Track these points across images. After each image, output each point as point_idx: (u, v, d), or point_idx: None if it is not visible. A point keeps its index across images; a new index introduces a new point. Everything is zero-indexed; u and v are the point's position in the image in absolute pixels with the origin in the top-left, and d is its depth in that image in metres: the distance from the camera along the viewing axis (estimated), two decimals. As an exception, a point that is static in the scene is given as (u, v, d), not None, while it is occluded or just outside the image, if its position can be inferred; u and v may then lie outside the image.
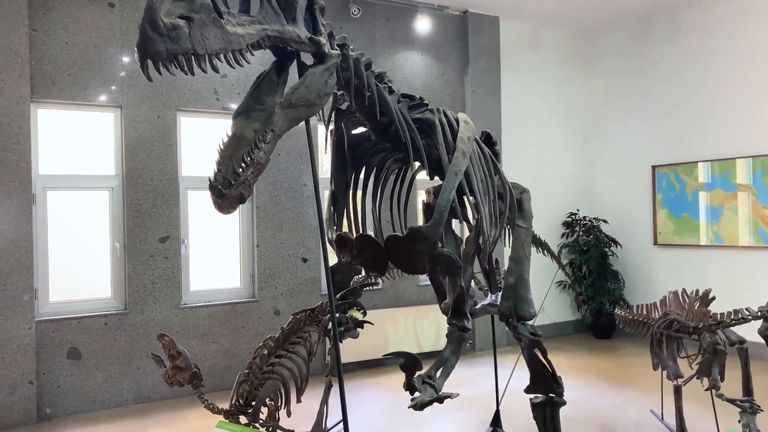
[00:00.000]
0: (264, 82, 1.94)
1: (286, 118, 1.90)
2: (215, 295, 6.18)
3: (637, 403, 5.39)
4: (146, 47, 1.46)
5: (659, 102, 7.94)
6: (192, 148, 6.10)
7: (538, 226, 7.86)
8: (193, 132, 6.11)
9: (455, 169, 2.55)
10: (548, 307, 8.37)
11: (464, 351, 7.54)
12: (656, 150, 7.98)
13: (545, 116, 8.43)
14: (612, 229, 8.44)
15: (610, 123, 8.61)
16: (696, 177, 7.52)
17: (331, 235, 2.73)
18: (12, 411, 5.10)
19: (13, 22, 5.15)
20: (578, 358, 7.14)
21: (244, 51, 1.69)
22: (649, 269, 8.05)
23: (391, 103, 2.50)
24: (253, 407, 3.51)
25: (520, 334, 3.29)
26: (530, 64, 8.30)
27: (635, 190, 8.25)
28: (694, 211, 7.55)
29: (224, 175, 1.75)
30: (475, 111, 7.62)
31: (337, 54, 2.11)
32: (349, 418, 5.15)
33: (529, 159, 8.22)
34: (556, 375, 3.62)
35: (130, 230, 5.72)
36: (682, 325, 3.61)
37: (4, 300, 5.11)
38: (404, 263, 2.61)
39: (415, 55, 7.35)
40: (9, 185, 5.14)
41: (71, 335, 5.45)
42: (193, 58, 1.55)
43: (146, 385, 5.71)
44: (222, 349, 6.08)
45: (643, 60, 8.12)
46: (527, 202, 3.52)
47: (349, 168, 2.76)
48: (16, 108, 5.17)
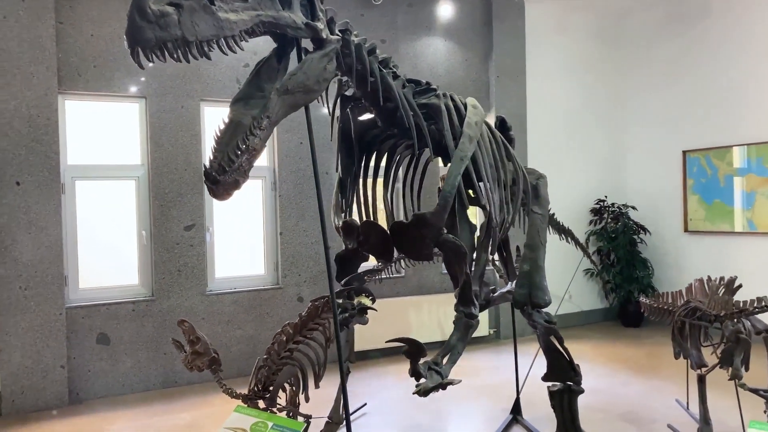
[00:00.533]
0: (264, 69, 1.94)
1: (283, 104, 1.90)
2: (240, 282, 6.27)
3: (663, 393, 5.30)
4: (134, 35, 1.47)
5: (691, 85, 7.72)
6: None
7: (564, 213, 7.83)
8: (217, 121, 6.16)
9: (461, 155, 2.52)
10: (575, 295, 8.28)
11: (489, 340, 7.49)
12: (687, 134, 7.78)
13: (572, 101, 8.27)
14: (641, 215, 8.27)
15: (639, 107, 8.41)
16: (729, 162, 7.30)
17: (338, 222, 2.74)
18: (45, 394, 5.28)
19: (40, 16, 5.26)
20: (604, 347, 7.05)
21: (238, 38, 1.69)
22: (679, 257, 7.88)
23: (395, 88, 2.48)
24: (270, 392, 3.56)
25: (535, 322, 3.26)
26: (557, 47, 8.15)
27: (665, 176, 8.06)
28: (727, 197, 7.35)
29: (219, 161, 1.76)
30: (499, 96, 7.53)
31: (337, 39, 2.10)
32: (371, 403, 5.22)
33: (555, 145, 8.10)
34: (573, 363, 3.59)
35: (155, 219, 5.83)
36: (703, 312, 3.53)
37: (35, 287, 5.27)
38: (410, 250, 2.60)
39: (438, 41, 7.28)
40: (38, 175, 5.28)
41: (100, 321, 5.59)
42: (184, 45, 1.55)
43: (173, 370, 5.84)
44: (246, 335, 6.17)
45: (675, 42, 7.90)
46: (543, 188, 3.46)
47: (356, 154, 2.75)
48: (44, 100, 5.29)
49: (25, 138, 5.22)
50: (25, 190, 5.23)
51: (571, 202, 8.25)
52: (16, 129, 5.19)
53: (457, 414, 4.99)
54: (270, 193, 6.42)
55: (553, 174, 8.03)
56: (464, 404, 5.19)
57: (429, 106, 2.61)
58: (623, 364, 6.31)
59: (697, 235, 7.70)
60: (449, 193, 2.44)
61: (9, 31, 5.17)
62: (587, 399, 5.20)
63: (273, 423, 3.23)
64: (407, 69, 6.98)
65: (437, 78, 7.23)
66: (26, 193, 5.24)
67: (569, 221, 7.94)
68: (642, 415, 4.78)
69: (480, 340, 7.36)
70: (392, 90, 2.46)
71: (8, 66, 5.16)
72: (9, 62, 5.16)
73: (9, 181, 5.18)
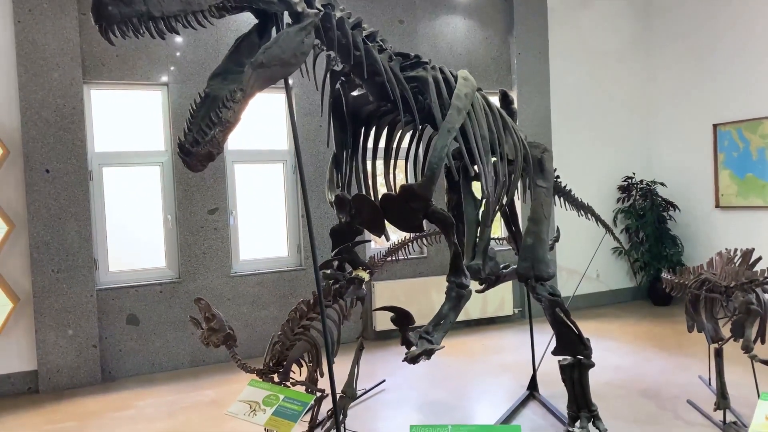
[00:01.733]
0: (244, 45, 1.99)
1: (258, 77, 1.94)
2: (263, 264, 6.40)
3: (687, 370, 5.22)
4: (99, 10, 1.52)
5: (720, 57, 7.47)
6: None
7: (591, 190, 7.74)
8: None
9: (448, 126, 2.52)
10: (604, 274, 8.19)
11: (514, 319, 7.45)
12: (717, 107, 7.55)
13: (598, 77, 8.11)
14: (671, 192, 8.09)
15: (668, 81, 8.19)
16: (762, 134, 7.07)
17: (331, 197, 2.79)
18: (79, 372, 5.51)
19: (63, 8, 5.43)
20: (632, 325, 6.96)
21: (207, 12, 1.74)
22: (711, 233, 7.69)
23: (381, 61, 2.50)
24: (284, 367, 3.65)
25: (539, 294, 3.26)
26: (581, 22, 7.98)
27: (695, 151, 7.85)
28: (759, 170, 7.12)
29: (193, 134, 1.82)
30: (521, 74, 7.44)
31: (315, 13, 2.13)
32: (389, 380, 5.30)
33: (581, 122, 7.97)
34: (582, 337, 3.57)
35: (180, 203, 5.99)
36: (714, 284, 3.46)
37: (67, 270, 5.49)
38: (400, 222, 2.63)
39: (458, 20, 7.22)
40: (66, 163, 5.48)
41: (129, 303, 5.80)
42: (149, 20, 1.61)
43: (200, 349, 6.01)
44: (271, 315, 6.31)
45: (702, 13, 7.65)
46: (548, 162, 3.44)
47: (350, 129, 2.79)
48: (70, 90, 5.48)
49: (52, 127, 5.42)
50: (54, 177, 5.44)
51: (599, 179, 8.13)
52: (44, 118, 5.39)
53: (476, 391, 5.02)
54: (291, 176, 6.51)
55: (579, 152, 7.95)
56: (485, 381, 5.22)
57: (417, 78, 2.62)
58: (649, 342, 6.22)
59: (729, 211, 7.49)
60: (436, 165, 2.46)
61: (34, 24, 5.35)
62: (609, 375, 5.18)
63: (284, 396, 3.32)
64: (426, 49, 6.96)
65: (457, 57, 7.18)
66: (55, 180, 5.45)
67: (597, 199, 7.85)
68: (663, 392, 4.72)
69: (505, 319, 7.35)
70: (377, 63, 2.48)
71: (34, 57, 5.35)
72: (35, 54, 5.35)
73: (39, 169, 5.40)
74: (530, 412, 4.45)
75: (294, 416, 3.15)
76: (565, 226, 7.36)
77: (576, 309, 7.78)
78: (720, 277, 3.54)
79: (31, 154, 5.37)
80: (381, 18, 6.81)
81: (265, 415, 3.21)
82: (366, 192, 2.92)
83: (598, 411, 3.67)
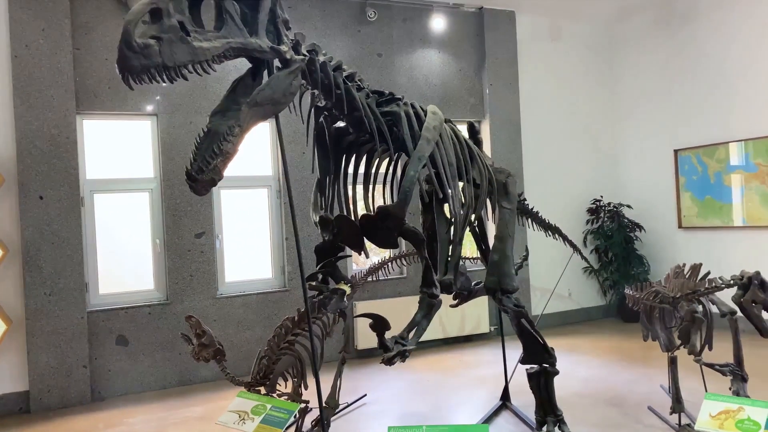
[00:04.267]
0: (240, 86, 2.32)
1: (253, 114, 2.27)
2: (249, 286, 6.65)
3: (651, 380, 5.55)
4: (124, 63, 1.84)
5: (680, 87, 7.99)
6: (223, 150, 6.58)
7: (562, 212, 8.16)
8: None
9: (419, 155, 2.86)
10: (576, 293, 8.55)
11: (490, 336, 7.73)
12: (678, 134, 8.04)
13: (566, 105, 8.58)
14: (637, 214, 8.52)
15: (631, 109, 8.69)
16: (718, 159, 7.54)
17: (315, 218, 3.10)
18: (69, 392, 5.69)
19: (59, 44, 5.73)
20: (601, 341, 7.30)
21: (210, 61, 2.06)
22: (675, 252, 8.11)
23: (359, 98, 2.84)
24: (270, 379, 3.91)
25: (505, 306, 3.57)
26: (550, 54, 8.47)
27: (658, 175, 8.32)
28: (717, 193, 7.58)
29: (198, 164, 2.14)
30: (493, 103, 7.86)
31: (302, 59, 2.46)
32: (372, 394, 5.55)
33: (551, 147, 8.41)
34: (547, 346, 3.88)
35: (168, 227, 6.24)
36: (663, 295, 3.81)
37: (59, 293, 5.70)
38: (377, 239, 2.95)
39: (432, 53, 7.64)
40: (59, 190, 5.72)
41: (119, 324, 6.00)
42: (164, 70, 1.93)
43: (188, 368, 6.22)
44: (256, 336, 6.54)
45: (663, 45, 8.18)
46: (512, 186, 3.79)
47: (332, 157, 3.12)
48: (63, 120, 5.75)
49: (47, 155, 5.68)
50: (47, 203, 5.68)
51: (569, 202, 8.54)
52: (39, 147, 5.65)
53: (452, 402, 5.30)
54: (275, 200, 6.81)
55: (549, 176, 8.37)
56: (461, 394, 5.50)
57: (391, 113, 2.97)
58: (617, 355, 6.56)
59: (690, 231, 7.93)
60: (408, 188, 2.79)
61: (31, 59, 5.64)
62: (579, 386, 5.49)
63: (271, 405, 3.58)
64: (403, 81, 7.35)
65: (433, 88, 7.59)
66: (49, 207, 5.68)
67: (567, 221, 8.24)
68: (627, 400, 5.05)
69: (482, 336, 7.66)
70: (356, 100, 2.82)
71: (30, 90, 5.63)
72: (31, 86, 5.63)
73: (33, 196, 5.63)
74: (503, 421, 4.74)
75: (280, 423, 3.41)
76: (538, 247, 7.75)
77: (549, 326, 8.13)
78: (669, 289, 3.89)
79: (26, 182, 5.61)
80: (360, 51, 7.20)
81: (253, 423, 3.46)
82: (347, 213, 3.23)
83: (563, 416, 3.97)
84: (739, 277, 3.50)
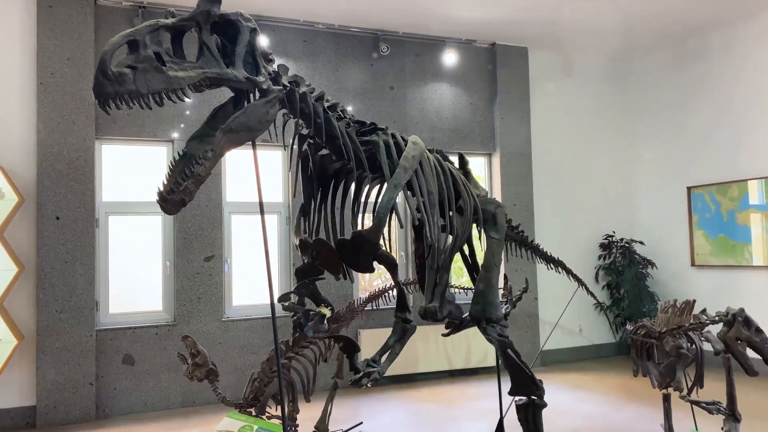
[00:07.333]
0: (220, 113, 2.46)
1: (228, 140, 2.39)
2: (254, 310, 6.76)
3: (650, 418, 5.45)
4: (99, 89, 2.00)
5: (693, 124, 7.98)
6: (235, 177, 6.78)
7: (574, 248, 8.13)
8: (236, 162, 6.78)
9: (395, 182, 2.96)
10: (586, 330, 8.45)
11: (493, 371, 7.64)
12: (691, 171, 8.00)
13: (579, 141, 8.61)
14: (649, 250, 8.44)
15: (645, 146, 8.69)
16: (731, 197, 7.47)
17: (296, 240, 3.20)
18: (75, 409, 5.82)
19: (81, 72, 6.02)
20: (608, 378, 7.19)
21: (185, 89, 2.20)
22: (687, 290, 7.98)
23: (338, 127, 2.96)
24: (260, 401, 3.98)
25: (490, 336, 3.59)
26: (562, 90, 8.55)
27: (671, 211, 8.26)
28: (730, 231, 7.49)
29: (170, 185, 2.27)
30: (503, 137, 7.94)
31: (279, 89, 2.60)
32: (369, 423, 5.55)
33: (563, 182, 8.42)
34: (534, 378, 3.86)
35: (179, 250, 6.41)
36: (649, 330, 3.79)
37: (70, 311, 5.88)
38: (353, 263, 3.03)
39: (444, 87, 7.79)
40: (75, 211, 5.95)
41: (126, 343, 6.15)
42: (138, 97, 2.07)
43: (191, 390, 6.31)
44: (260, 360, 6.58)
45: (676, 84, 8.20)
46: (501, 216, 3.83)
47: (315, 183, 3.24)
48: (83, 145, 6.01)
49: (65, 178, 5.93)
50: (63, 224, 5.90)
51: (581, 236, 8.50)
52: (58, 170, 5.90)
53: (447, 434, 5.28)
54: (283, 227, 6.95)
55: (561, 211, 8.37)
56: (459, 426, 5.47)
57: (371, 142, 3.08)
58: (622, 393, 6.46)
59: (704, 269, 7.82)
60: (383, 214, 2.88)
61: (55, 86, 5.94)
62: (578, 423, 5.43)
63: (258, 426, 3.65)
64: (415, 113, 7.50)
65: (444, 121, 7.71)
66: (64, 227, 5.91)
67: (579, 256, 8.22)
68: (624, 438, 4.97)
69: (489, 370, 7.59)
70: (335, 129, 2.94)
71: (53, 115, 5.91)
72: (54, 112, 5.92)
73: (50, 216, 5.87)
74: (495, 454, 4.70)
75: (266, 445, 3.47)
76: (549, 282, 7.72)
77: (559, 362, 8.04)
78: (657, 324, 3.87)
79: (44, 203, 5.85)
80: (373, 84, 7.39)
81: (239, 443, 3.53)
82: (333, 237, 3.33)
83: (551, 449, 3.93)
84: (724, 313, 3.47)
